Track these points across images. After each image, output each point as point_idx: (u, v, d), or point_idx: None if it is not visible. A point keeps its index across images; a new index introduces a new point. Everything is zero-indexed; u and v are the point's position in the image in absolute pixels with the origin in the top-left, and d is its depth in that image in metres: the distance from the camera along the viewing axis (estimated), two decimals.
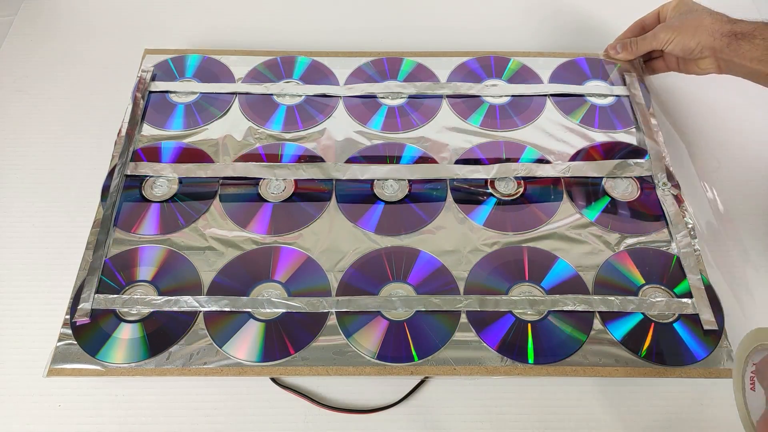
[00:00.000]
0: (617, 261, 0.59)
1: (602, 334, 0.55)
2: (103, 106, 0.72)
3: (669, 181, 0.64)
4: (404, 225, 0.61)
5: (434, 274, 0.58)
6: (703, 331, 0.55)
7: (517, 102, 0.71)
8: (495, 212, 0.62)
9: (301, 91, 0.71)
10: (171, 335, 0.54)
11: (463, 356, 0.53)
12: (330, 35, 0.81)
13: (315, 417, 0.53)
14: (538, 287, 0.57)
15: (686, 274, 0.58)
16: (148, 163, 0.65)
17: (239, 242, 0.60)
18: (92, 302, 0.55)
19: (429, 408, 0.54)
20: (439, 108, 0.70)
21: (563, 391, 0.55)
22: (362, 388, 0.55)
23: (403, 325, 0.55)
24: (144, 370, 0.52)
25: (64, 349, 0.53)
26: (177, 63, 0.73)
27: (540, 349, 0.54)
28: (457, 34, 0.81)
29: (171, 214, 0.62)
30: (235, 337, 0.54)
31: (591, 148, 0.67)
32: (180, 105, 0.70)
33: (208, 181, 0.64)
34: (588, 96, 0.71)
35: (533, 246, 0.60)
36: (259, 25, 0.82)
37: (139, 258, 0.59)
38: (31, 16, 0.82)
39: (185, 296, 0.56)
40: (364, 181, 0.64)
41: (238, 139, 0.67)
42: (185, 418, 0.53)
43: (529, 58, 0.75)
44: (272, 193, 0.63)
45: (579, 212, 0.62)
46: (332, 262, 0.59)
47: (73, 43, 0.80)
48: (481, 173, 0.65)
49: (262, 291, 0.57)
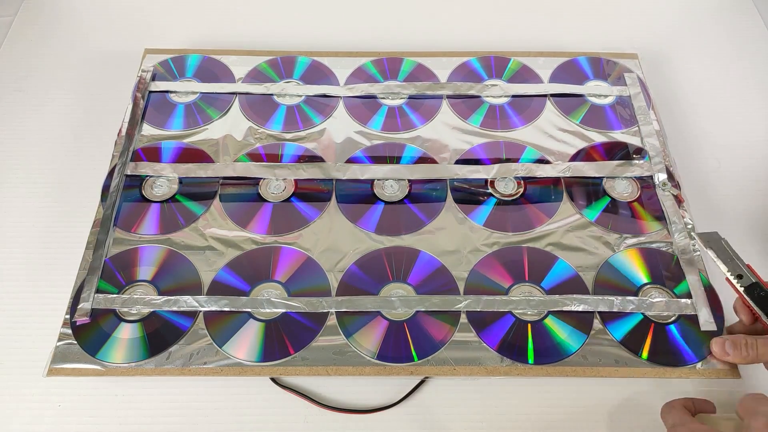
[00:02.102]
0: (617, 261, 0.59)
1: (602, 334, 0.55)
2: (103, 106, 0.72)
3: (669, 181, 0.64)
4: (404, 225, 0.61)
5: (434, 274, 0.58)
6: (703, 331, 0.55)
7: (517, 102, 0.71)
8: (495, 212, 0.62)
9: (302, 91, 0.71)
10: (171, 335, 0.54)
11: (463, 356, 0.53)
12: (330, 35, 0.81)
13: (315, 417, 0.53)
14: (538, 287, 0.57)
15: (686, 274, 0.58)
16: (148, 163, 0.65)
17: (239, 242, 0.60)
18: (92, 302, 0.55)
19: (429, 408, 0.54)
20: (439, 108, 0.70)
21: (563, 391, 0.55)
22: (362, 388, 0.55)
23: (403, 325, 0.55)
24: (144, 370, 0.52)
25: (64, 348, 0.53)
26: (177, 63, 0.73)
27: (540, 350, 0.54)
28: (457, 34, 0.81)
29: (171, 213, 0.62)
30: (235, 337, 0.54)
31: (591, 148, 0.67)
32: (180, 105, 0.70)
33: (208, 181, 0.64)
34: (588, 96, 0.71)
35: (533, 246, 0.60)
36: (259, 25, 0.82)
37: (139, 258, 0.59)
38: (31, 16, 0.82)
39: (185, 296, 0.56)
40: (364, 181, 0.64)
41: (238, 139, 0.67)
42: (185, 418, 0.53)
43: (529, 58, 0.75)
44: (272, 193, 0.63)
45: (579, 212, 0.62)
46: (332, 262, 0.59)
47: (73, 43, 0.80)
48: (481, 173, 0.65)
49: (262, 291, 0.57)
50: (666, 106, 0.73)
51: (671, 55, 0.79)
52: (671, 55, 0.79)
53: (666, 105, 0.73)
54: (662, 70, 0.77)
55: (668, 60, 0.79)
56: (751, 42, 0.81)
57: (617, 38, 0.81)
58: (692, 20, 0.84)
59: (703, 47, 0.80)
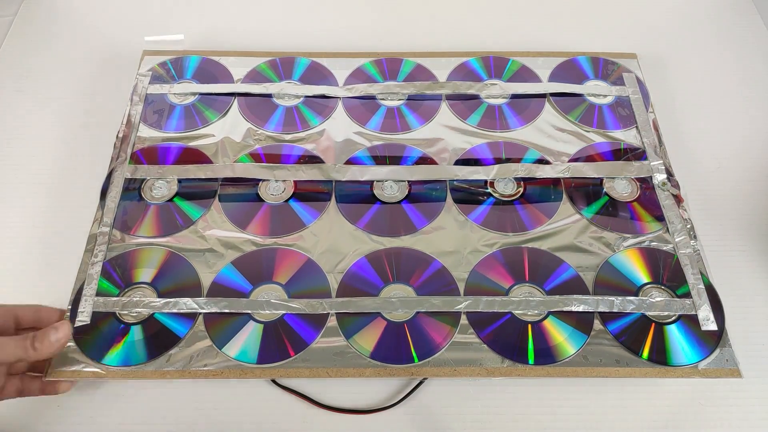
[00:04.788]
0: (617, 261, 0.59)
1: (602, 334, 0.55)
2: (102, 106, 0.72)
3: (669, 181, 0.64)
4: (404, 226, 0.61)
5: (434, 275, 0.58)
6: (703, 331, 0.55)
7: (516, 102, 0.71)
8: (495, 213, 0.62)
9: (301, 92, 0.71)
10: (171, 337, 0.54)
11: (463, 357, 0.53)
12: (329, 36, 0.81)
13: (314, 417, 0.53)
14: (538, 288, 0.57)
15: (686, 274, 0.58)
16: (147, 165, 0.65)
17: (239, 244, 0.60)
18: (92, 305, 0.55)
19: (429, 408, 0.54)
20: (438, 109, 0.70)
21: (563, 391, 0.55)
22: (362, 389, 0.55)
23: (403, 326, 0.55)
24: (144, 373, 0.52)
25: (64, 351, 0.53)
26: (176, 64, 0.73)
27: (540, 350, 0.54)
28: (457, 35, 0.81)
29: (170, 215, 0.62)
30: (235, 338, 0.54)
31: (590, 148, 0.67)
32: (179, 106, 0.70)
33: (207, 183, 0.64)
34: (587, 96, 0.71)
35: (533, 246, 0.60)
36: (258, 26, 0.82)
37: (139, 260, 0.58)
38: (31, 16, 0.82)
39: (184, 298, 0.56)
40: (363, 182, 0.64)
41: (237, 140, 0.67)
42: (185, 418, 0.53)
43: (529, 58, 0.75)
44: (272, 194, 0.63)
45: (579, 212, 0.62)
46: (332, 263, 0.59)
47: (73, 43, 0.79)
48: (480, 174, 0.65)
49: (262, 292, 0.57)
50: (665, 106, 0.73)
51: (670, 55, 0.79)
52: (670, 56, 0.79)
53: (665, 105, 0.73)
54: (661, 71, 0.77)
55: (667, 60, 0.79)
56: (751, 42, 0.81)
57: (617, 38, 0.81)
58: (692, 20, 0.84)
59: (703, 47, 0.80)
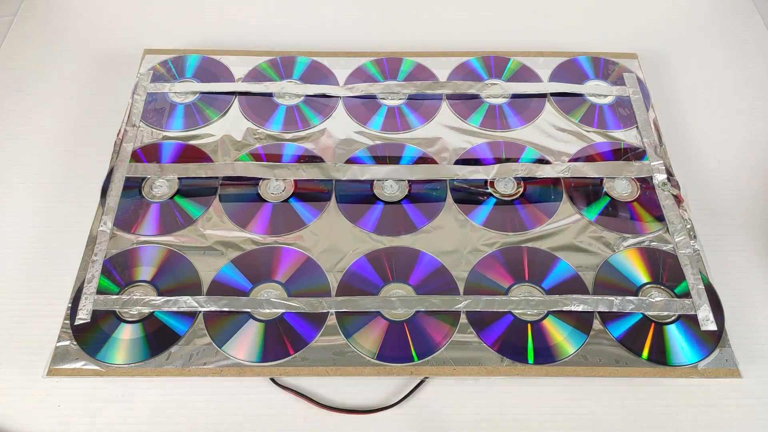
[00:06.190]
0: (617, 261, 0.59)
1: (602, 334, 0.55)
2: (102, 106, 0.72)
3: (669, 181, 0.64)
4: (404, 225, 0.61)
5: (434, 274, 0.58)
6: (703, 331, 0.55)
7: (516, 102, 0.71)
8: (495, 212, 0.62)
9: (301, 91, 0.71)
10: (171, 335, 0.54)
11: (463, 356, 0.53)
12: (330, 35, 0.81)
13: (314, 417, 0.53)
14: (538, 287, 0.57)
15: (686, 274, 0.58)
16: (148, 164, 0.65)
17: (239, 242, 0.60)
18: (92, 302, 0.55)
19: (429, 408, 0.54)
20: (438, 108, 0.70)
21: (563, 391, 0.55)
22: (362, 389, 0.55)
23: (402, 325, 0.55)
24: (144, 371, 0.52)
25: (64, 349, 0.53)
26: (176, 63, 0.73)
27: (540, 350, 0.54)
28: (457, 34, 0.81)
29: (170, 214, 0.62)
30: (234, 337, 0.54)
31: (590, 147, 0.67)
32: (179, 105, 0.70)
33: (207, 181, 0.64)
34: (588, 95, 0.71)
35: (533, 246, 0.60)
36: (258, 25, 0.82)
37: (139, 258, 0.59)
38: (31, 16, 0.82)
39: (184, 296, 0.56)
40: (363, 181, 0.64)
41: (238, 139, 0.67)
42: (185, 418, 0.53)
43: (529, 58, 0.75)
44: (272, 193, 0.63)
45: (579, 212, 0.62)
46: (332, 262, 0.59)
47: (73, 43, 0.80)
48: (481, 174, 0.65)
49: (262, 291, 0.57)
50: (665, 106, 0.73)
51: (671, 55, 0.79)
52: (671, 55, 0.79)
53: (665, 105, 0.73)
54: (662, 71, 0.77)
55: (668, 60, 0.79)
56: (751, 42, 0.81)
57: (617, 38, 0.81)
58: (692, 20, 0.84)
59: (703, 47, 0.80)
